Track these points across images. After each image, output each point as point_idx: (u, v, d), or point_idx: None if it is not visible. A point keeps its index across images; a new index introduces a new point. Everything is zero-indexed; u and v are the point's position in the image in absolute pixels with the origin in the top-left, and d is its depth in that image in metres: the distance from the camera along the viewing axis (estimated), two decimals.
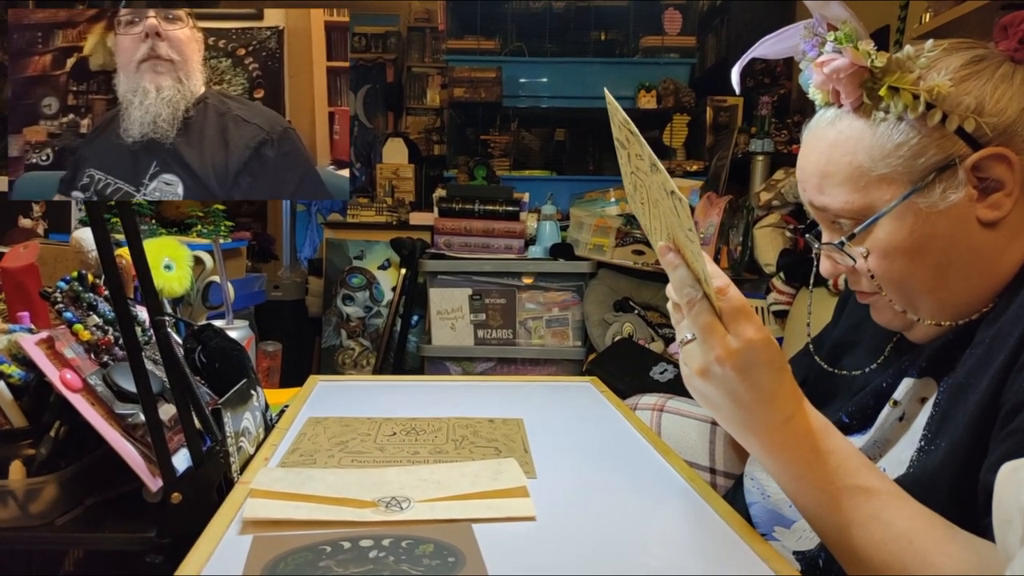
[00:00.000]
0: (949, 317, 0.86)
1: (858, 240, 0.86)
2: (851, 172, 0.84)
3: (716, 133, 4.43)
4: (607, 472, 0.96)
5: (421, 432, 1.08)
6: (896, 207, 0.82)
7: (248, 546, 0.72)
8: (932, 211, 0.81)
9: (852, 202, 0.84)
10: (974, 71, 0.81)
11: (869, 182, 0.83)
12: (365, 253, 4.10)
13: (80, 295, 0.98)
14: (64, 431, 0.89)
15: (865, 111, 0.83)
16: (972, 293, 0.84)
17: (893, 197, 0.82)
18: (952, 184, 0.80)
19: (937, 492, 0.76)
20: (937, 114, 0.79)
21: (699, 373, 0.80)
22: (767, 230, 3.13)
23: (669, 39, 5.05)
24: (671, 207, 0.77)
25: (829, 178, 0.86)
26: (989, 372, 0.76)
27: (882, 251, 0.84)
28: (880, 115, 0.82)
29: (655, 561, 0.72)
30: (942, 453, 0.78)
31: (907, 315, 0.88)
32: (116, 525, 0.87)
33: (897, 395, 0.89)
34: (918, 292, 0.85)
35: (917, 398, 0.87)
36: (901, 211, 0.82)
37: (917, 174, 0.81)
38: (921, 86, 0.79)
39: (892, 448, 0.88)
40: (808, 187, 0.90)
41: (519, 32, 5.36)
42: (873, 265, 0.85)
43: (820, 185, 0.87)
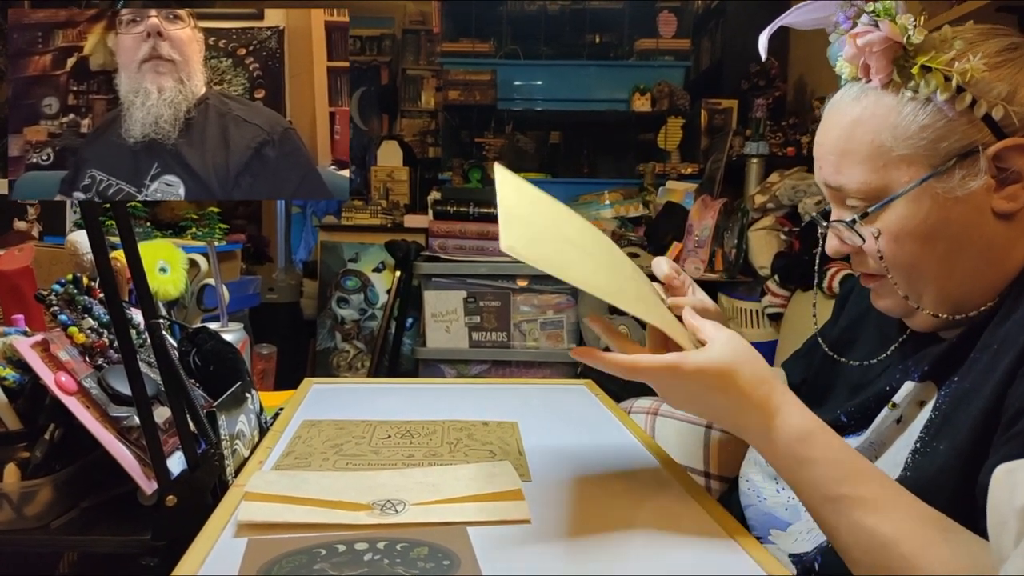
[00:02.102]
0: (949, 309, 0.86)
1: (870, 220, 0.85)
2: (872, 151, 0.83)
3: (711, 136, 4.44)
4: (602, 475, 0.96)
5: (416, 435, 1.08)
6: (913, 189, 0.81)
7: (243, 549, 0.72)
8: (948, 197, 0.81)
9: (869, 182, 0.84)
10: (1009, 58, 0.81)
11: (889, 162, 0.82)
12: (360, 256, 4.10)
13: (75, 298, 0.98)
14: (59, 434, 0.88)
15: (893, 88, 0.82)
16: (976, 286, 0.84)
17: (911, 179, 0.81)
18: (972, 171, 0.80)
19: (938, 496, 0.76)
20: (967, 98, 0.78)
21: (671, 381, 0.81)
22: (762, 232, 3.13)
23: (664, 42, 5.07)
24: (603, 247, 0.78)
25: (848, 156, 0.85)
26: (994, 376, 0.76)
27: (894, 233, 0.84)
28: (908, 94, 0.81)
29: (649, 564, 0.73)
30: (943, 457, 0.78)
31: (908, 302, 0.87)
32: (111, 528, 0.87)
33: (897, 398, 0.89)
34: (924, 278, 0.85)
35: (916, 401, 0.87)
36: (917, 194, 0.81)
37: (938, 158, 0.80)
38: (955, 68, 0.78)
39: (887, 450, 0.89)
40: (825, 165, 0.89)
41: (514, 35, 5.37)
42: (883, 246, 0.85)
43: (838, 163, 0.86)
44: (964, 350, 0.83)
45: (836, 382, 1.04)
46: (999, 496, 0.68)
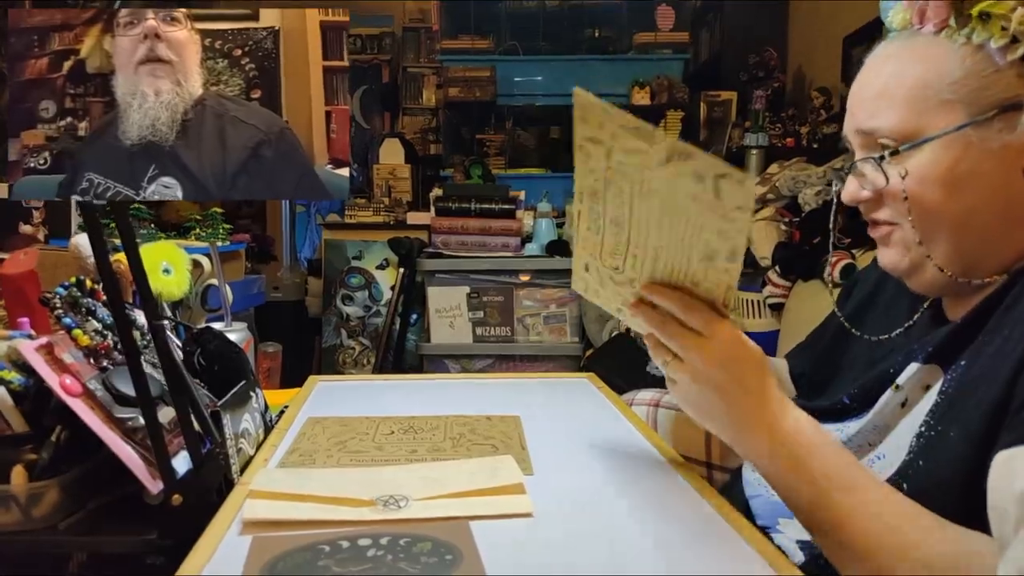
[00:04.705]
0: (958, 268, 0.85)
1: (900, 159, 0.84)
2: (914, 93, 0.82)
3: (710, 128, 4.44)
4: (604, 468, 0.96)
5: (419, 430, 1.08)
6: (948, 134, 0.80)
7: (248, 546, 0.72)
8: (982, 148, 0.80)
9: (906, 123, 0.83)
10: None
11: (929, 106, 0.81)
12: (363, 253, 4.11)
13: (78, 300, 0.98)
14: (65, 436, 0.89)
15: (947, 34, 0.81)
16: (990, 248, 0.83)
17: (948, 125, 0.81)
18: (1010, 125, 0.79)
19: (948, 482, 0.76)
20: (1020, 48, 0.77)
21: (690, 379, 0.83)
22: (762, 223, 3.13)
23: (662, 35, 5.06)
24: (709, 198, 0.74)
25: (887, 98, 0.84)
26: (1006, 362, 0.75)
27: (920, 176, 0.82)
28: (960, 39, 0.80)
29: (651, 557, 0.73)
30: (954, 444, 0.77)
31: (916, 255, 0.86)
32: (118, 528, 0.87)
33: (900, 379, 0.88)
34: (942, 226, 0.83)
35: (921, 385, 0.86)
36: (951, 140, 0.81)
37: (980, 107, 0.80)
38: (1014, 16, 0.77)
39: (891, 433, 0.88)
40: (859, 111, 0.88)
41: (513, 31, 5.37)
42: (908, 187, 0.83)
43: (875, 106, 0.85)
44: (971, 333, 0.82)
45: (841, 366, 1.04)
46: (998, 483, 0.68)
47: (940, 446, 0.79)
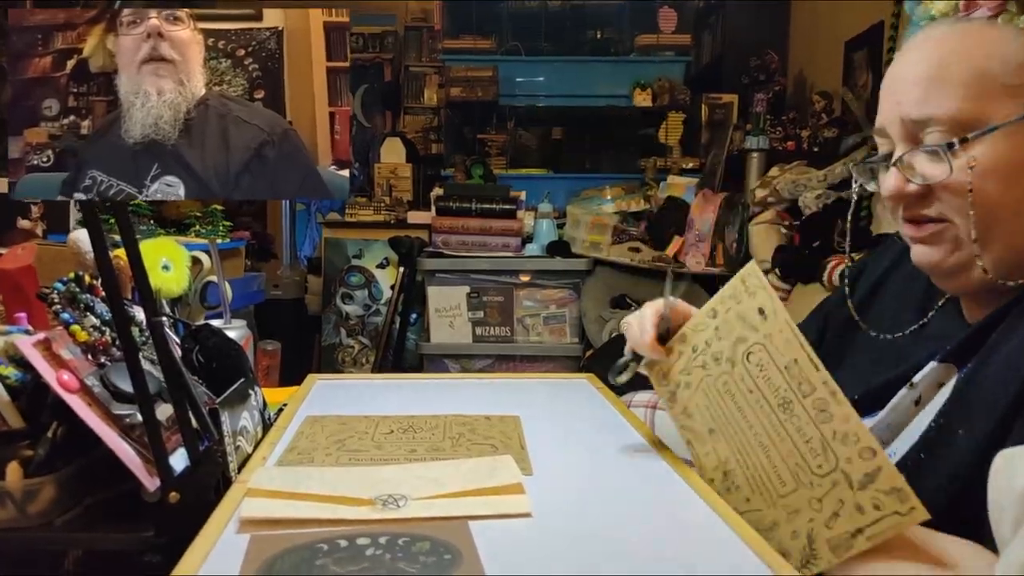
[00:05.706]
0: (1004, 270, 0.81)
1: (967, 147, 0.79)
2: (972, 78, 0.79)
3: (711, 130, 4.44)
4: (603, 468, 0.96)
5: (418, 430, 1.08)
6: (1013, 124, 0.77)
7: (245, 545, 0.72)
8: None
9: (965, 110, 0.79)
10: None
11: (990, 91, 0.78)
12: (364, 252, 4.11)
13: (77, 296, 0.98)
14: (62, 432, 0.89)
15: (1006, 18, 0.79)
16: None
17: (1011, 113, 0.78)
18: None
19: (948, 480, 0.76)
20: None
21: None
22: (762, 227, 3.13)
23: (664, 37, 5.05)
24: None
25: (940, 83, 0.80)
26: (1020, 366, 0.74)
27: (983, 168, 0.78)
28: (1021, 23, 0.78)
29: (650, 557, 0.73)
30: (961, 441, 0.76)
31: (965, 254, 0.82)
32: (114, 525, 0.87)
33: (916, 377, 0.86)
34: (999, 223, 0.80)
35: (936, 383, 0.85)
36: (1014, 129, 0.78)
37: None
38: None
39: (904, 431, 0.87)
40: (906, 98, 0.83)
41: (515, 31, 5.37)
42: (972, 179, 0.79)
43: (926, 91, 0.81)
44: (987, 333, 0.81)
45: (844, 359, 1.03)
46: (998, 482, 0.68)
47: (946, 443, 0.78)
